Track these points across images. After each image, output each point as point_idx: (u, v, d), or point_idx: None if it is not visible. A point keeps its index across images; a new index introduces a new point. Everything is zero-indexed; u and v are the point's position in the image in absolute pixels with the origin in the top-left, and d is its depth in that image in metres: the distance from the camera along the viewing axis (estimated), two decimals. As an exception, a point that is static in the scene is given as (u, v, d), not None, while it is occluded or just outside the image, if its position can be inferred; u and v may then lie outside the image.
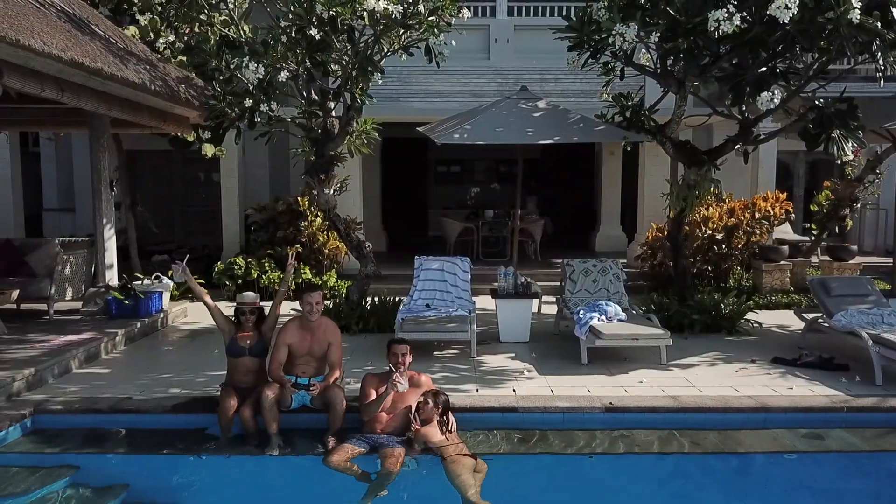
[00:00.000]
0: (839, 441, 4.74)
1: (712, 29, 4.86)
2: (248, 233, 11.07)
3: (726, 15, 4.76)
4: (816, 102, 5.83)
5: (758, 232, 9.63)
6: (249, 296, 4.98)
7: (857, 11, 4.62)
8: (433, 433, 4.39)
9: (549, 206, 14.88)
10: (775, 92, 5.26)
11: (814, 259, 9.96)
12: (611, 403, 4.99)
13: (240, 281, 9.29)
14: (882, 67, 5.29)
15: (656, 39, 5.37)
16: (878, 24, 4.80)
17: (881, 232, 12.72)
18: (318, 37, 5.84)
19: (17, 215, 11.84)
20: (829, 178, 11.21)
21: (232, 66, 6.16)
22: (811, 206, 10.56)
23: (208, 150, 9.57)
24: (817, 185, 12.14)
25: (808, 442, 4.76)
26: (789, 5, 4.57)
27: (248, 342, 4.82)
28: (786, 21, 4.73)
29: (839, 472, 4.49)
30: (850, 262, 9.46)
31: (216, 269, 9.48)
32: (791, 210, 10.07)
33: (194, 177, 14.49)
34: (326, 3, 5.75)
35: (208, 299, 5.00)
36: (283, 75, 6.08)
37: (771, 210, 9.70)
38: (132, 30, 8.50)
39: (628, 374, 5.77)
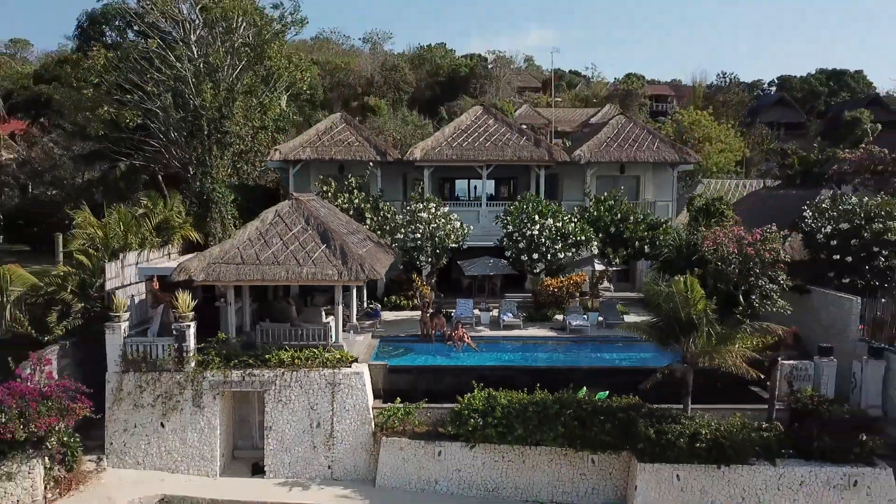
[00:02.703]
0: (549, 347, 23.02)
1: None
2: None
3: (537, 256, 22.94)
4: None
5: (573, 286, 27.72)
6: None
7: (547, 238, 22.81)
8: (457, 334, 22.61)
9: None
10: (536, 264, 23.47)
11: (593, 300, 28.04)
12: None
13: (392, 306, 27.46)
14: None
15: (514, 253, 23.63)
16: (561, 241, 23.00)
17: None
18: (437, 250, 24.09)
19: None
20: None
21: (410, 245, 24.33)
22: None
23: (382, 260, 27.78)
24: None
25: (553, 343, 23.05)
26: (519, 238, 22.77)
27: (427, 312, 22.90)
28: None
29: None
30: (607, 295, 27.50)
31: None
32: (584, 280, 28.24)
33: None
34: (442, 238, 23.95)
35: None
36: (442, 261, 24.27)
37: (578, 280, 27.85)
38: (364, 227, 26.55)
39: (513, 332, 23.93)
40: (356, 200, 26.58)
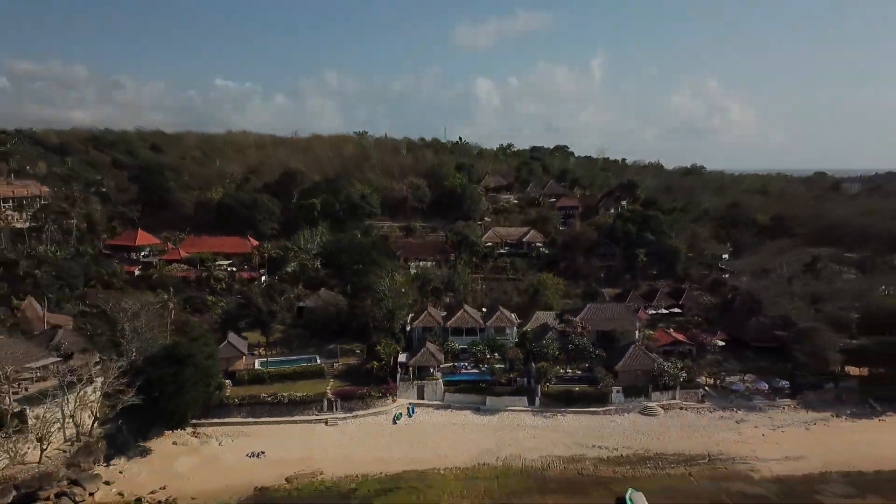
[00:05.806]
0: (478, 373, 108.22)
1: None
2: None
3: (479, 355, 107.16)
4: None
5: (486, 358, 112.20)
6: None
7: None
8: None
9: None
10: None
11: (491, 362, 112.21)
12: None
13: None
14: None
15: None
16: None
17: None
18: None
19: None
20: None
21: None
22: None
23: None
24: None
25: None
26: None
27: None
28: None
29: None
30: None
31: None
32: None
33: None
34: (454, 349, 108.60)
35: None
36: (455, 353, 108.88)
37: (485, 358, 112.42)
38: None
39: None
40: (437, 338, 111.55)
